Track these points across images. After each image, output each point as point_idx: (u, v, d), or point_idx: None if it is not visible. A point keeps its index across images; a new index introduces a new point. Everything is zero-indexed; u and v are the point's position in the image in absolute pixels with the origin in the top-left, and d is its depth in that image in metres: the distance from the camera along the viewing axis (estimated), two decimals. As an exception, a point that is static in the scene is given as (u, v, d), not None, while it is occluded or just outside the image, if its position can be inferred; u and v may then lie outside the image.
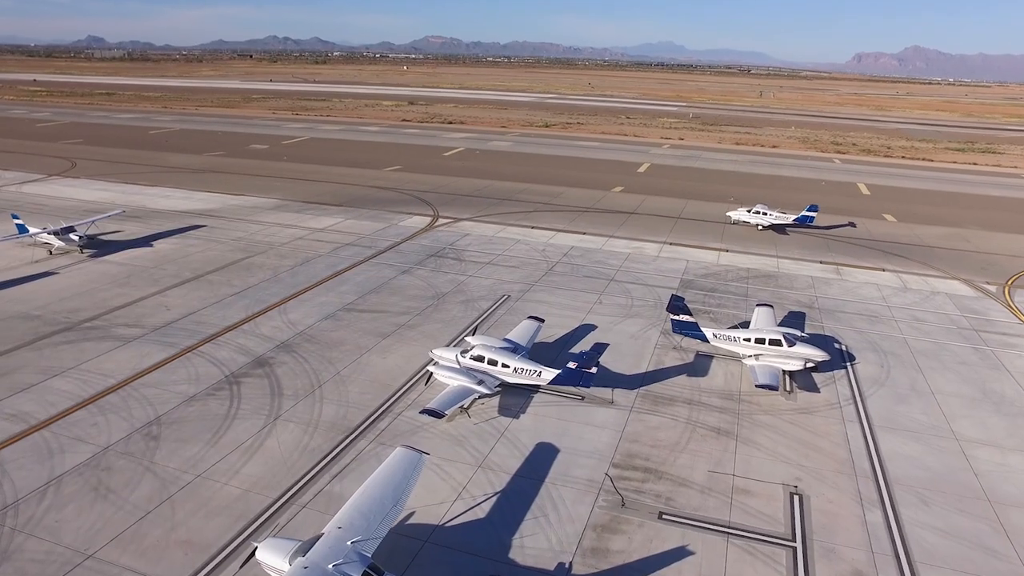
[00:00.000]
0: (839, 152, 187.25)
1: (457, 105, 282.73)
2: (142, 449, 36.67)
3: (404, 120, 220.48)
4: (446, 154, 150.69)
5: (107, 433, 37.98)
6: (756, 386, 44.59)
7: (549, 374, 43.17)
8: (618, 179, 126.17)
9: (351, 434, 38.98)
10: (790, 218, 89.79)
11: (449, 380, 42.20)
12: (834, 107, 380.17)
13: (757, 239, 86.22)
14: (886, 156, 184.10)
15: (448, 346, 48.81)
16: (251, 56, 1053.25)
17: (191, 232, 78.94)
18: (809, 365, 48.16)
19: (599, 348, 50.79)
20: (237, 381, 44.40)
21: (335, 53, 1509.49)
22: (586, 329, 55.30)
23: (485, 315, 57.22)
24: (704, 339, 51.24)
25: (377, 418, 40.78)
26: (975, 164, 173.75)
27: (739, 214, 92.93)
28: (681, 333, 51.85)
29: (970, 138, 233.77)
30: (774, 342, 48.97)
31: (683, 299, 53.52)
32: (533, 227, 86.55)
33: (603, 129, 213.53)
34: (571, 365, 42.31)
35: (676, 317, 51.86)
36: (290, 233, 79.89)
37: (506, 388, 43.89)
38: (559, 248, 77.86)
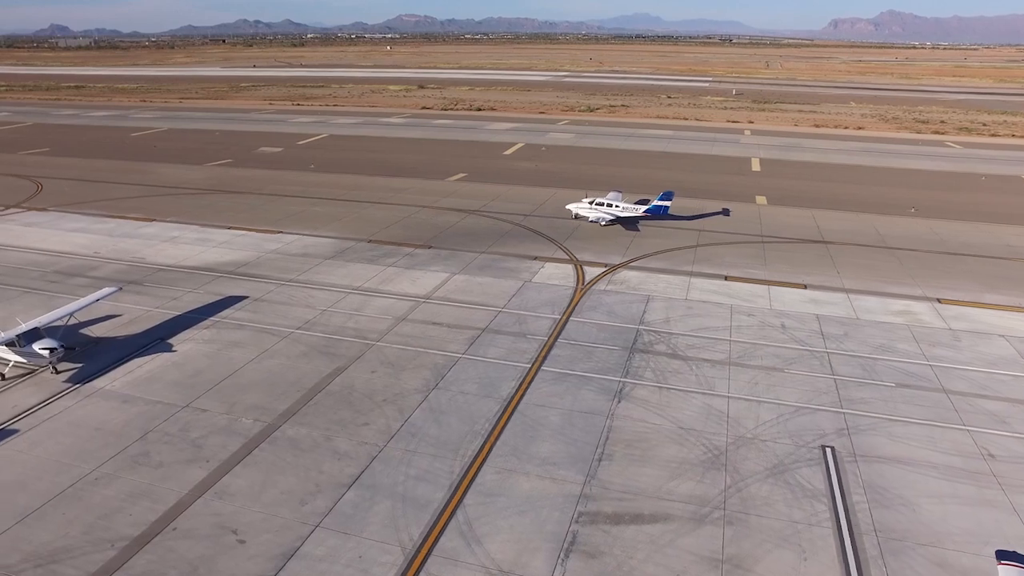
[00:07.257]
0: (937, 132, 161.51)
1: (472, 88, 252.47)
2: None
3: (425, 108, 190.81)
4: (507, 152, 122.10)
5: None
6: None
7: None
8: (743, 183, 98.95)
9: None
10: (640, 210, 76.08)
11: None
12: (855, 77, 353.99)
13: (1015, 278, 60.12)
14: (992, 135, 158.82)
15: None
16: (224, 41, 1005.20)
17: (227, 312, 50.87)
18: None
19: None
20: None
21: (309, 35, 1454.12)
22: (1056, 545, 28.55)
23: (843, 512, 30.08)
24: None
25: None
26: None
27: (579, 207, 76.68)
28: None
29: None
30: None
31: None
32: (726, 277, 59.23)
33: (656, 113, 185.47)
34: None
35: None
36: (381, 307, 51.92)
37: None
38: (797, 319, 50.61)
